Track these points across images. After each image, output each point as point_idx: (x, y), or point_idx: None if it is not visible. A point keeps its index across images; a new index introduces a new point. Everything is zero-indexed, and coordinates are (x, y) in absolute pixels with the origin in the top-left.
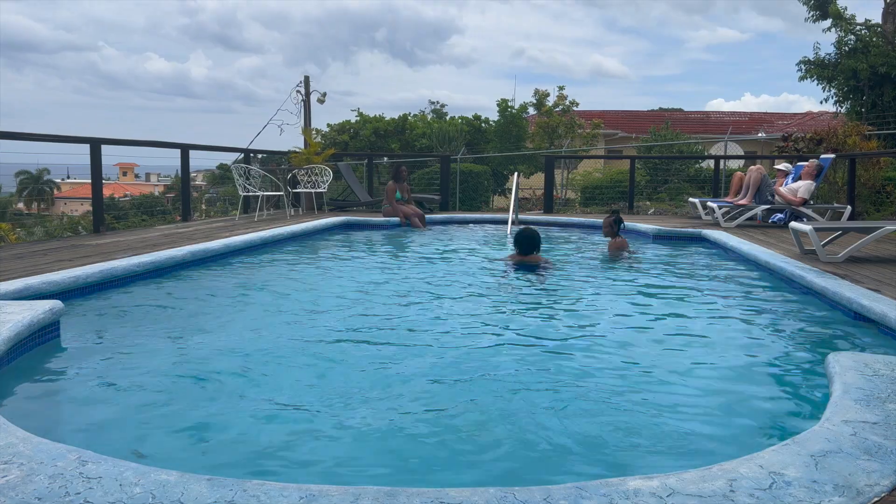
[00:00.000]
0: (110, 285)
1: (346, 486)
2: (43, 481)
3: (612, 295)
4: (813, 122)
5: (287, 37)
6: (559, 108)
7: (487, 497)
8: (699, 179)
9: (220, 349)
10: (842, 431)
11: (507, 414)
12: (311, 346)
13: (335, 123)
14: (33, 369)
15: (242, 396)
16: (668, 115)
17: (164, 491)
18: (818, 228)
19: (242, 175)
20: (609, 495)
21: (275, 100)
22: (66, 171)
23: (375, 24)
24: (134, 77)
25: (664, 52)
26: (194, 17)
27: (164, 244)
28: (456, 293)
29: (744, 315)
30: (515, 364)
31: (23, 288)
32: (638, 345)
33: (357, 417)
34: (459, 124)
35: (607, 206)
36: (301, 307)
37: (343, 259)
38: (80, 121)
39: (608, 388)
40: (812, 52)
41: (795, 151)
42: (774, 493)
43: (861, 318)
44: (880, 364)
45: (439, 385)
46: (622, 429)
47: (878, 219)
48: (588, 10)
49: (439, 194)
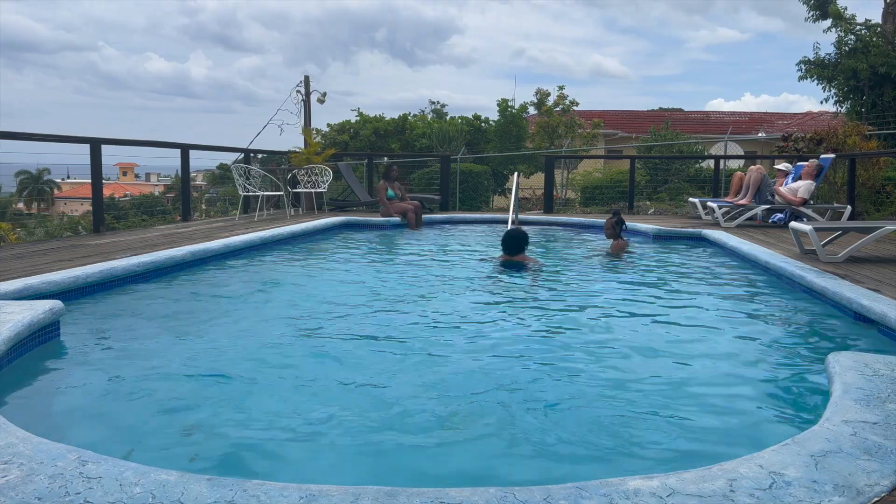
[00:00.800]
0: (110, 285)
1: (346, 486)
2: (43, 481)
3: (612, 295)
4: (813, 122)
5: (287, 37)
6: (559, 107)
7: (487, 497)
8: (699, 179)
9: (220, 349)
10: (842, 431)
11: (507, 414)
12: (310, 345)
13: (335, 123)
14: (33, 369)
15: (242, 396)
16: (668, 115)
17: (164, 491)
18: (818, 228)
19: (242, 175)
20: (609, 495)
21: (275, 100)
22: (67, 171)
23: (375, 24)
24: (134, 77)
25: (664, 53)
26: (194, 17)
27: (164, 244)
28: (453, 293)
29: (744, 315)
30: (514, 364)
31: (23, 288)
32: (637, 345)
33: (357, 417)
34: (459, 124)
35: (607, 206)
36: (301, 307)
37: (343, 259)
38: (80, 121)
39: (608, 387)
40: (812, 52)
41: (795, 151)
42: (774, 493)
43: (861, 318)
44: (880, 364)
45: (439, 385)
46: (622, 428)
47: (878, 219)
48: (588, 10)
49: (439, 194)
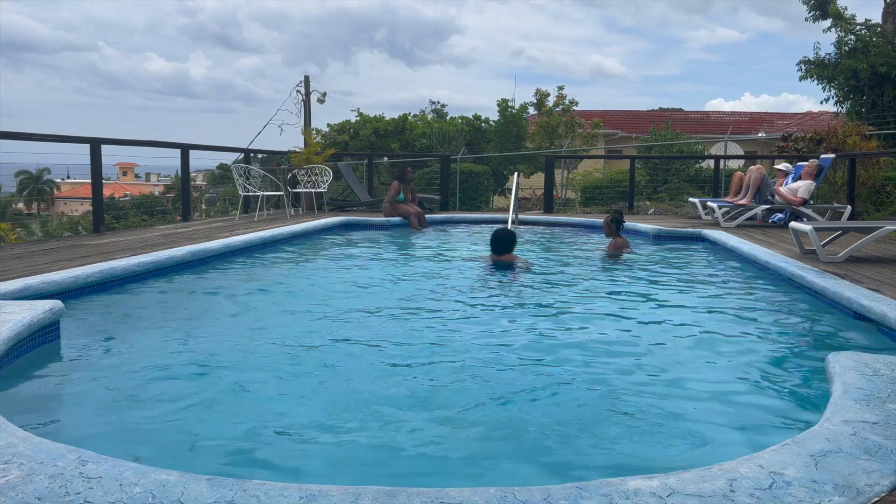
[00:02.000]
0: (110, 285)
1: (346, 486)
2: (43, 481)
3: (611, 295)
4: (813, 122)
5: (287, 37)
6: (559, 107)
7: (487, 497)
8: (699, 179)
9: (220, 349)
10: (842, 431)
11: (507, 414)
12: (310, 345)
13: (335, 123)
14: (33, 369)
15: (242, 396)
16: (668, 114)
17: (164, 491)
18: (818, 228)
19: (242, 175)
20: (609, 495)
21: (274, 100)
22: (66, 171)
23: (375, 24)
24: (134, 77)
25: (664, 52)
26: (194, 17)
27: (164, 244)
28: (452, 293)
29: (744, 315)
30: (513, 364)
31: (22, 288)
32: (637, 345)
33: (357, 416)
34: (459, 124)
35: (607, 206)
36: (300, 307)
37: (342, 259)
38: (80, 121)
39: (607, 387)
40: (812, 52)
41: (795, 151)
42: (774, 493)
43: (861, 318)
44: (880, 364)
45: (438, 385)
46: (622, 428)
47: (878, 219)
48: (588, 10)
49: (439, 194)
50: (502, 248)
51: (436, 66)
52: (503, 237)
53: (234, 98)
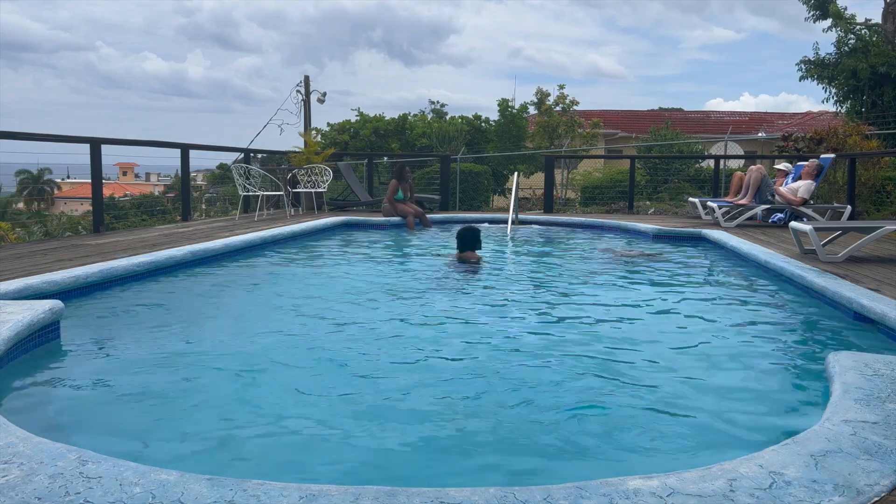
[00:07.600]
0: (110, 285)
1: (346, 486)
2: (43, 481)
3: (611, 295)
4: (813, 121)
5: (284, 36)
6: (559, 107)
7: (487, 497)
8: (699, 179)
9: (220, 349)
10: (842, 431)
11: (506, 414)
12: (311, 345)
13: (335, 123)
14: (33, 369)
15: (242, 396)
16: (667, 114)
17: (164, 491)
18: (818, 228)
19: (242, 175)
20: (609, 495)
21: (273, 99)
22: (67, 170)
23: (372, 24)
24: (131, 76)
25: (663, 52)
26: (191, 16)
27: (164, 244)
28: (451, 293)
29: (743, 315)
30: (513, 364)
31: (23, 288)
32: (637, 344)
33: (357, 416)
34: (459, 124)
35: (607, 206)
36: (300, 307)
37: (342, 259)
38: (79, 120)
39: (607, 387)
40: (812, 52)
41: (795, 151)
42: (774, 493)
43: (861, 318)
44: (880, 364)
45: (437, 385)
46: (622, 428)
47: (878, 218)
48: (587, 10)
49: (439, 194)
50: (472, 244)
51: (434, 65)
52: (474, 234)
53: (233, 98)
